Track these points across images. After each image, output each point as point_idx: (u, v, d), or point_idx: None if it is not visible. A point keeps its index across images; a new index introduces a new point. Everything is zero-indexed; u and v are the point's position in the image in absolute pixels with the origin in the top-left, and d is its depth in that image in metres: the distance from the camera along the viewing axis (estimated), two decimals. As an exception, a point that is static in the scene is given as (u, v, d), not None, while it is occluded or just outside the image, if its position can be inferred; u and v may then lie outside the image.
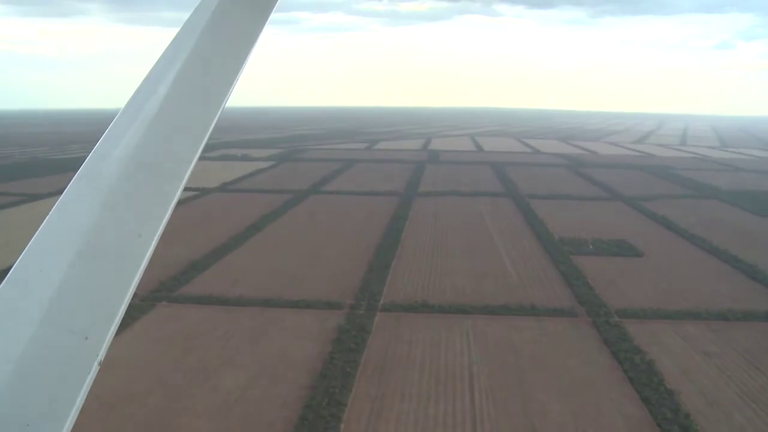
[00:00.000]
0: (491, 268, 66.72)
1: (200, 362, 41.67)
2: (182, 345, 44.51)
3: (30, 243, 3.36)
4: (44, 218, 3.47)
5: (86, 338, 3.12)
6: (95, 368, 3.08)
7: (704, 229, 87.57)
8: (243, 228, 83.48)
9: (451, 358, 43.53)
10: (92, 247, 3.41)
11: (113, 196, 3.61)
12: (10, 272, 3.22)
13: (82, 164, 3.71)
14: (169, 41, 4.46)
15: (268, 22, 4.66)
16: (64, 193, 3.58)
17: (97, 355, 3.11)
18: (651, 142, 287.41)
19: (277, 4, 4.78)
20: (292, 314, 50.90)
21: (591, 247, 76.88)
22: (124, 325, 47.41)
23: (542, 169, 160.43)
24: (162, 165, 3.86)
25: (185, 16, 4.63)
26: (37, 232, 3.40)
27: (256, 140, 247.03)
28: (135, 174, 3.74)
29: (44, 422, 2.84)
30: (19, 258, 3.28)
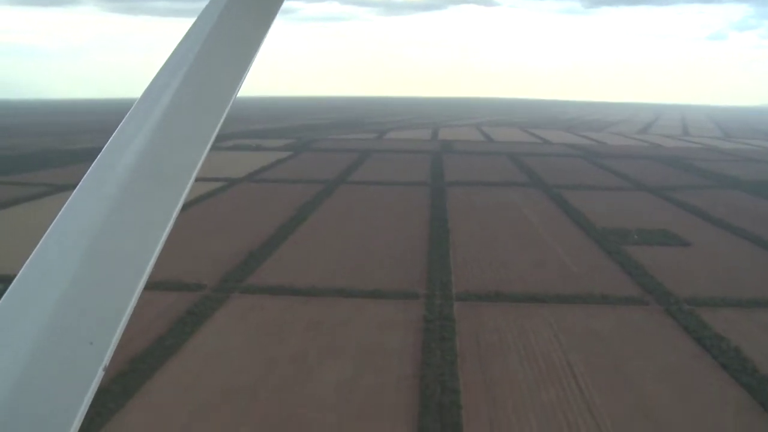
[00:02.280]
0: (547, 257, 67.17)
1: (298, 353, 41.76)
2: (273, 336, 44.59)
3: (36, 248, 3.36)
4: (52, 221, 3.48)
5: (91, 343, 3.08)
6: (100, 373, 3.03)
7: (738, 218, 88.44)
8: (287, 218, 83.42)
9: (544, 346, 43.92)
10: (97, 252, 3.42)
11: (118, 201, 3.61)
12: (16, 277, 3.23)
13: (90, 166, 3.72)
14: (169, 38, 4.53)
15: (272, 24, 4.69)
16: (69, 198, 3.59)
17: (102, 361, 3.06)
18: (654, 133, 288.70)
19: None
20: (371, 304, 51.05)
21: (636, 237, 77.41)
22: (203, 315, 47.65)
23: (559, 160, 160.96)
24: (167, 171, 3.84)
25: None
26: (43, 237, 3.40)
27: (264, 131, 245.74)
28: (140, 180, 3.73)
29: (49, 427, 2.84)
30: (25, 263, 3.29)
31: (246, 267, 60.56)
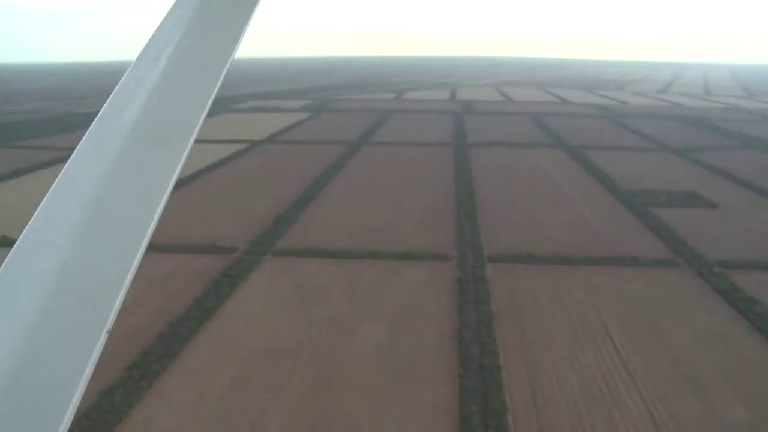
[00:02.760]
0: (575, 219, 67.01)
1: (335, 315, 42.32)
2: (309, 298, 45.14)
3: (36, 212, 3.35)
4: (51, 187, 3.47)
5: (95, 307, 3.10)
6: (104, 336, 3.10)
7: (765, 180, 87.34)
8: (312, 180, 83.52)
9: (577, 308, 44.18)
10: (98, 216, 3.40)
11: (118, 164, 3.59)
12: (16, 243, 3.23)
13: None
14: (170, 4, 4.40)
15: None
16: (68, 162, 3.57)
17: (106, 324, 3.10)
18: (675, 92, 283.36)
19: None
20: (404, 266, 51.41)
21: (663, 199, 76.82)
22: (238, 278, 48.26)
23: (580, 120, 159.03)
24: (167, 132, 3.80)
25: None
26: (42, 201, 3.39)
27: (279, 92, 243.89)
28: (139, 142, 3.71)
29: (56, 390, 2.86)
30: (25, 228, 3.28)
31: (276, 229, 61.03)
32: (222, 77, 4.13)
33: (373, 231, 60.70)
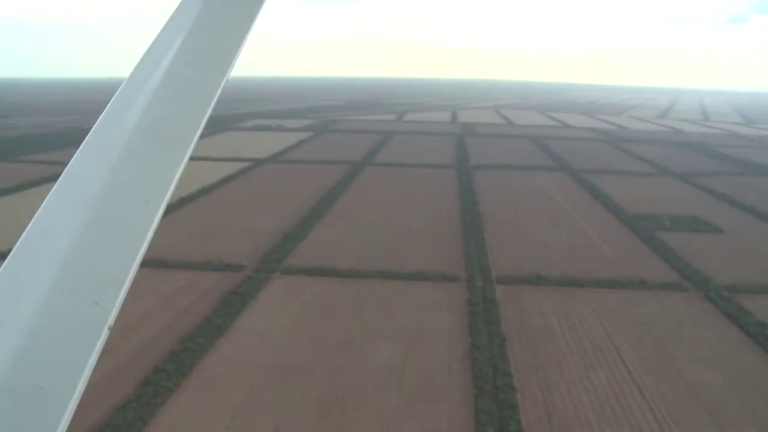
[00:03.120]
0: (581, 242, 67.16)
1: (345, 335, 42.20)
2: (318, 317, 45.03)
3: (39, 211, 3.37)
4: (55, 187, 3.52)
5: (96, 304, 3.12)
6: (105, 333, 3.07)
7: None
8: (317, 199, 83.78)
9: (588, 330, 44.14)
10: (101, 214, 3.43)
11: (121, 164, 3.64)
12: (19, 240, 3.25)
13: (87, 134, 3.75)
14: (173, 10, 4.42)
15: None
16: (70, 162, 3.62)
17: (107, 321, 3.10)
18: (674, 117, 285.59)
19: None
20: (412, 286, 51.39)
21: (667, 223, 77.07)
22: (247, 296, 48.13)
23: (583, 144, 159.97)
24: (169, 133, 3.83)
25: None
26: (45, 200, 3.43)
27: (283, 111, 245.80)
28: (142, 143, 3.75)
29: (57, 385, 2.87)
30: (28, 225, 3.31)
31: (283, 247, 61.03)
32: (225, 80, 4.16)
33: (380, 250, 60.74)
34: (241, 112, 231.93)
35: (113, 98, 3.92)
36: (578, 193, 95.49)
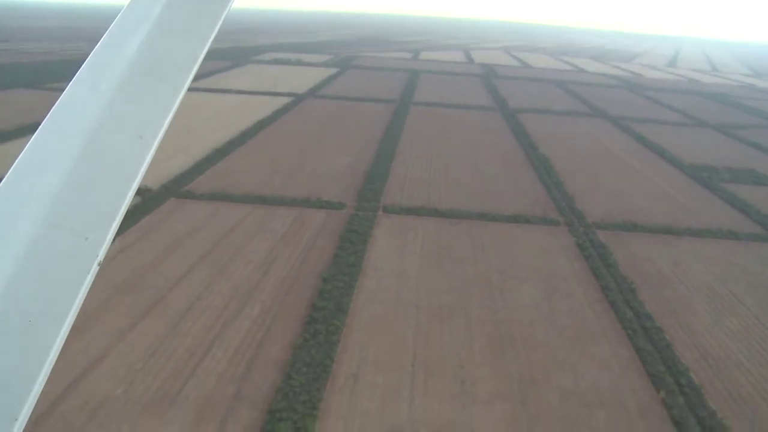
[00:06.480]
0: (653, 190, 68.46)
1: (479, 275, 43.35)
2: (445, 257, 46.07)
3: (29, 143, 3.34)
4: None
5: (86, 239, 3.13)
6: (95, 268, 3.09)
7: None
8: (378, 137, 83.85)
9: (701, 277, 45.82)
10: (93, 148, 3.40)
11: (115, 97, 3.57)
12: (9, 171, 3.23)
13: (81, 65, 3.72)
14: None
15: None
16: (63, 93, 3.55)
17: (97, 255, 3.12)
18: (684, 67, 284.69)
19: None
20: (518, 228, 52.51)
21: (727, 175, 78.44)
22: (364, 234, 48.78)
23: (608, 91, 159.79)
24: (164, 68, 3.76)
25: None
26: (36, 132, 3.38)
27: (293, 44, 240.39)
28: (137, 76, 3.68)
29: (46, 318, 2.89)
30: (19, 157, 3.28)
31: (372, 185, 61.48)
32: (224, 15, 4.07)
33: (468, 192, 61.52)
34: (254, 44, 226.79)
35: (108, 31, 3.84)
36: (627, 141, 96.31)
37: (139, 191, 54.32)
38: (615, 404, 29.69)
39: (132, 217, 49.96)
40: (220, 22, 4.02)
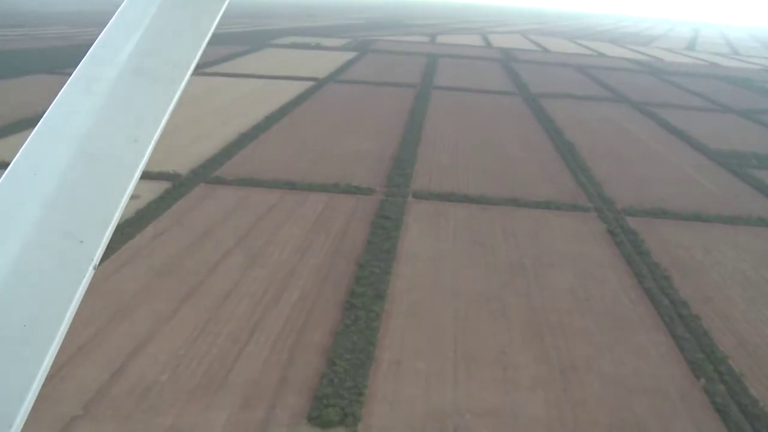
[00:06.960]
0: (681, 177, 68.10)
1: (513, 262, 43.51)
2: (477, 243, 46.23)
3: (24, 145, 3.31)
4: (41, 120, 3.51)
5: (81, 242, 3.09)
6: (90, 272, 3.05)
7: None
8: (403, 122, 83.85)
9: (735, 265, 45.71)
10: (89, 150, 3.36)
11: (110, 99, 3.54)
12: (4, 174, 3.19)
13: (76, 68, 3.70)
14: None
15: None
16: (58, 96, 3.54)
17: (92, 259, 3.08)
18: (703, 50, 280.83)
19: None
20: (548, 215, 52.54)
21: (755, 161, 77.73)
22: (396, 220, 49.02)
23: (629, 75, 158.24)
24: (160, 69, 3.71)
25: None
26: (31, 135, 3.35)
27: (307, 28, 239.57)
28: (132, 78, 3.65)
29: (41, 323, 2.85)
30: (14, 160, 3.25)
31: (400, 171, 61.60)
32: (221, 13, 4.03)
33: (496, 178, 61.55)
34: (268, 28, 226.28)
35: (103, 32, 3.81)
36: (651, 126, 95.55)
37: (169, 176, 54.89)
38: (656, 391, 29.89)
39: (163, 202, 50.48)
40: (215, 23, 4.02)
